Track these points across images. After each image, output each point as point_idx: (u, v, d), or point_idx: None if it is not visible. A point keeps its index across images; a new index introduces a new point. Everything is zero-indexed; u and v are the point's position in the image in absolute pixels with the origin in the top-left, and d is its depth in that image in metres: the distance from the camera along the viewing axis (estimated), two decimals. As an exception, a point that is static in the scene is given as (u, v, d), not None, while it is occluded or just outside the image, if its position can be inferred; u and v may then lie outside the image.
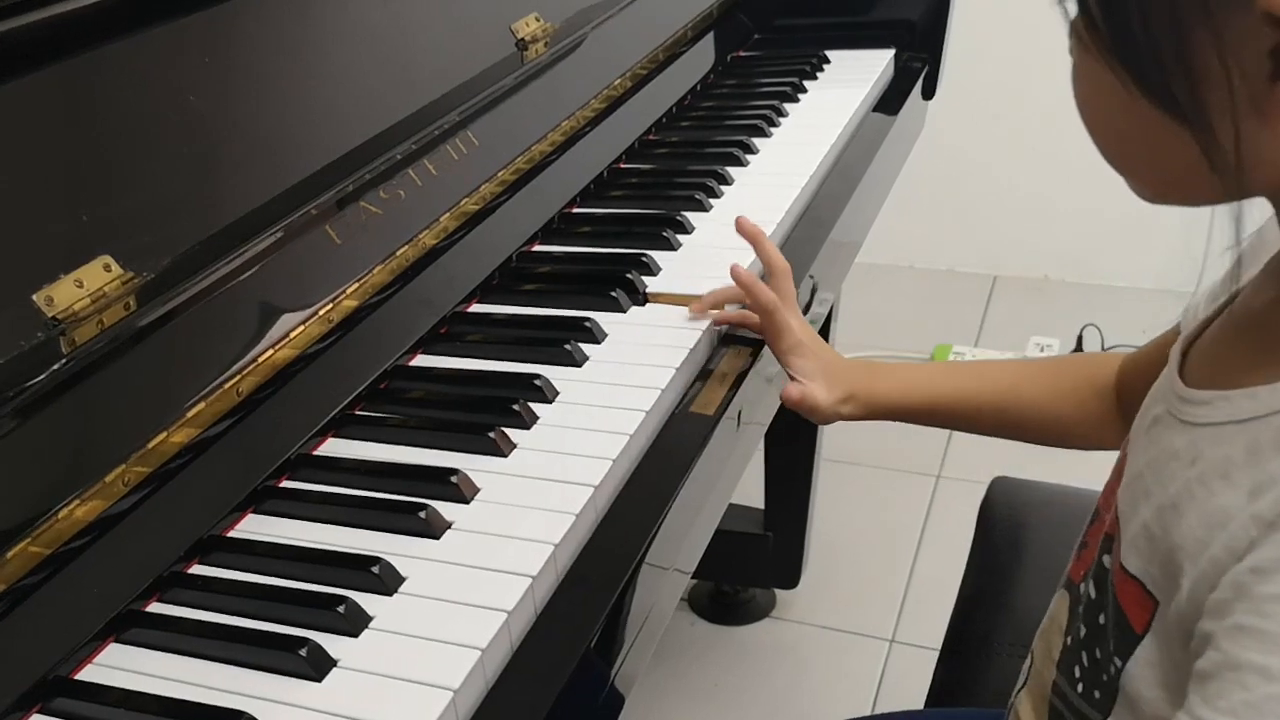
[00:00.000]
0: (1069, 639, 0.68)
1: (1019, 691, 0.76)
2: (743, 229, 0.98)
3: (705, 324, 0.95)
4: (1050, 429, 0.89)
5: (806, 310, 1.12)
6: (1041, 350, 2.30)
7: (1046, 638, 0.72)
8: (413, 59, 1.02)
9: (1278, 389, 0.52)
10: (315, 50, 0.93)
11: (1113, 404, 0.86)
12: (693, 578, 1.84)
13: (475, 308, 1.01)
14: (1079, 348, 2.33)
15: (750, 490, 1.76)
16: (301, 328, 0.83)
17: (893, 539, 1.98)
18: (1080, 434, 0.87)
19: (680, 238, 1.11)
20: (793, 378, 0.91)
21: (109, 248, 0.72)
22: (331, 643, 0.66)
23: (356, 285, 0.89)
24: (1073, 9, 0.51)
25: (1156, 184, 0.55)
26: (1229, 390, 0.55)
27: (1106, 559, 0.63)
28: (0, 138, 0.70)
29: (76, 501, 0.67)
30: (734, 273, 0.94)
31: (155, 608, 0.71)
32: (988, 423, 0.90)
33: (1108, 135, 0.55)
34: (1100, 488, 1.13)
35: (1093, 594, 0.65)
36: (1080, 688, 0.65)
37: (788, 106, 1.40)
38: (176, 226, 0.78)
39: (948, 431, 2.21)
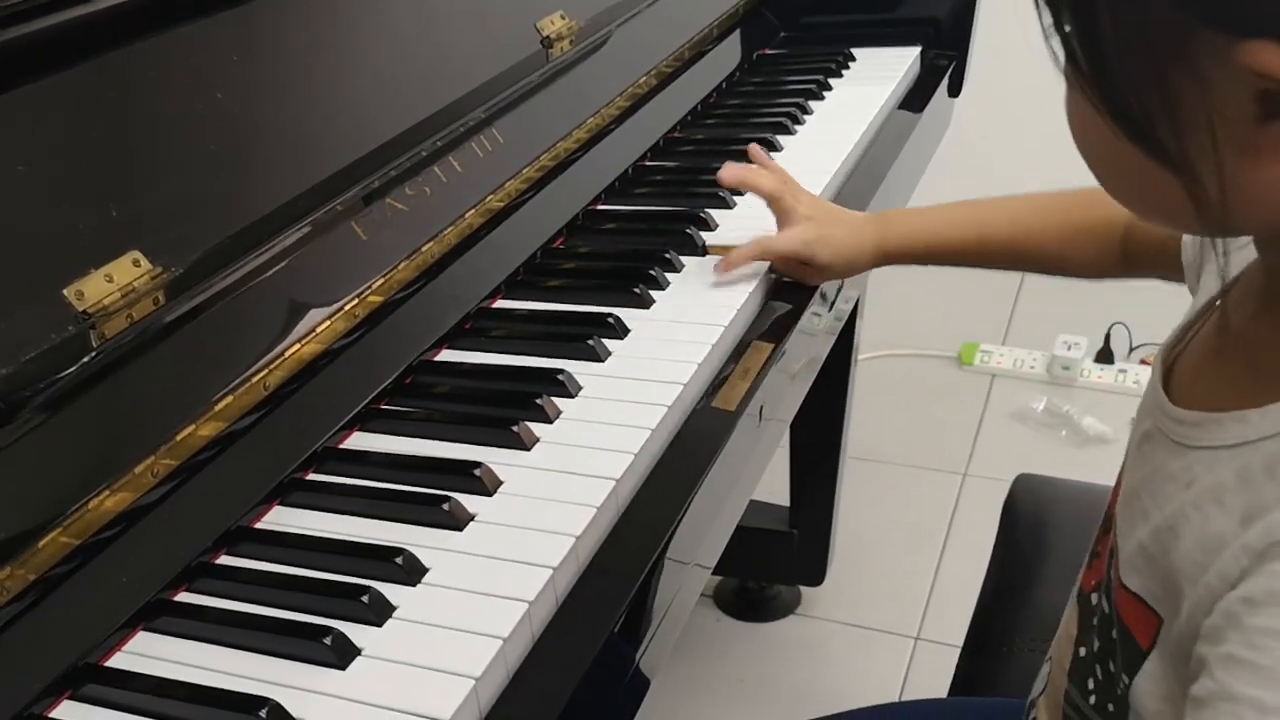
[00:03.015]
0: (1082, 650, 0.67)
1: (1039, 696, 0.75)
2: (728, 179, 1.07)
3: (727, 320, 0.95)
4: (1052, 264, 1.01)
5: (831, 307, 1.12)
6: (1069, 349, 2.29)
7: (1060, 647, 0.72)
8: (438, 56, 1.03)
9: (1268, 413, 0.51)
10: (342, 48, 0.94)
11: (1113, 241, 0.95)
12: (718, 574, 1.84)
13: (500, 303, 1.02)
14: (1106, 347, 2.31)
15: (776, 487, 1.76)
16: (327, 323, 0.84)
17: (918, 537, 1.98)
18: (1079, 264, 1.00)
19: (704, 235, 1.11)
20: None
21: (138, 243, 0.73)
22: (356, 632, 0.67)
23: (382, 281, 0.90)
24: (1060, 52, 0.50)
25: (1146, 214, 0.56)
26: (1219, 413, 0.54)
27: (1113, 573, 0.63)
28: (33, 134, 0.71)
29: (106, 492, 0.68)
30: (727, 178, 1.06)
31: (183, 597, 0.72)
32: (998, 261, 1.03)
33: (1099, 168, 0.54)
34: (1123, 484, 1.12)
35: (1105, 608, 0.64)
36: (1093, 699, 0.65)
37: (813, 104, 1.40)
38: (204, 222, 0.79)
39: (974, 430, 2.22)
